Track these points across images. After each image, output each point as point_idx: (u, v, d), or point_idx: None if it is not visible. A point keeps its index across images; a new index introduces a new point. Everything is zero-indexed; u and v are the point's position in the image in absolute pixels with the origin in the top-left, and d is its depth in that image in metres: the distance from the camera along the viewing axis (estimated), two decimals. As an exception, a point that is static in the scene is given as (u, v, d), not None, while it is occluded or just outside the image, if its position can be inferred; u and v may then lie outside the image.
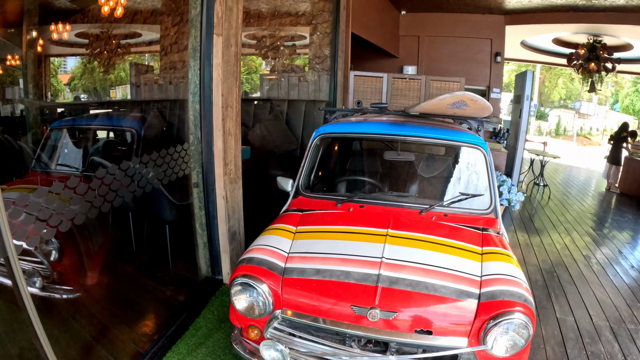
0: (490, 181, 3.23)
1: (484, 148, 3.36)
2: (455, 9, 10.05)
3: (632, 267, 5.74)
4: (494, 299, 2.19)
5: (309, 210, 3.17)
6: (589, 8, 9.14)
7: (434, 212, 3.07)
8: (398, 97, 8.41)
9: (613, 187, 11.70)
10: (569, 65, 12.50)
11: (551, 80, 36.97)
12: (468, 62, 10.67)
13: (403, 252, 2.50)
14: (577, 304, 4.42)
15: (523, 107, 8.13)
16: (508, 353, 2.16)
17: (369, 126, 3.65)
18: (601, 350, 3.64)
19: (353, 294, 2.27)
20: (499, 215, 3.17)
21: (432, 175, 3.76)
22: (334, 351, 2.30)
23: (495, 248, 2.66)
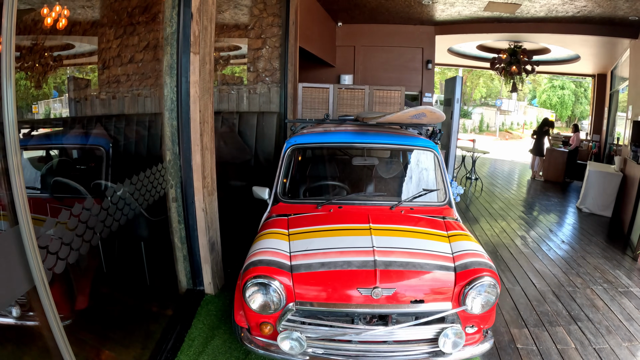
0: (444, 177, 3.76)
1: (435, 150, 3.89)
2: (389, 21, 10.54)
3: (562, 242, 6.62)
4: (467, 269, 2.70)
5: (292, 214, 3.44)
6: (511, 19, 9.93)
7: (402, 207, 3.52)
8: (344, 106, 8.73)
9: (537, 175, 12.79)
10: (492, 68, 13.38)
11: (473, 81, 38.73)
12: (401, 70, 11.21)
13: (388, 241, 2.92)
14: (521, 275, 5.10)
15: (454, 109, 8.67)
16: (483, 310, 2.68)
17: (337, 136, 4.03)
18: (548, 310, 4.31)
19: (357, 279, 2.63)
20: (453, 205, 3.68)
21: (396, 176, 4.21)
22: (344, 330, 2.64)
23: (457, 231, 3.18)
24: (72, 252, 2.26)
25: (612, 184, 8.69)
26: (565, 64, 14.54)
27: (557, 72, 18.49)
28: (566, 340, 3.75)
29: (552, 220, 8.02)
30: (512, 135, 35.36)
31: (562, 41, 11.23)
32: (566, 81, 36.26)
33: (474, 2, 8.67)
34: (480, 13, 9.51)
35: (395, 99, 8.70)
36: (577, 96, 37.32)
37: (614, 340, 3.82)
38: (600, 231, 7.52)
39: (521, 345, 3.60)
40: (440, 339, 2.62)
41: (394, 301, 2.62)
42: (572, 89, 37.34)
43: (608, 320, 4.17)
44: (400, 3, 8.90)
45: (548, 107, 38.27)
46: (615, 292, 4.87)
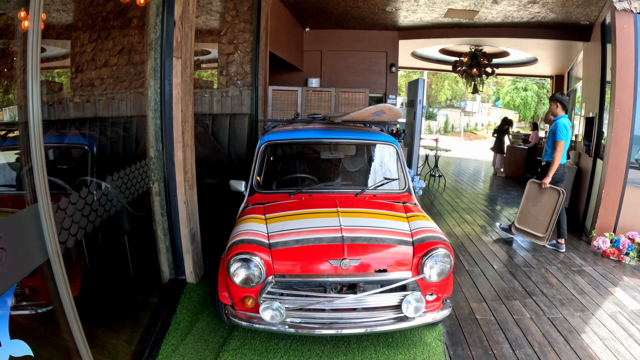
0: (403, 168, 4.26)
1: (395, 144, 4.38)
2: (355, 26, 11.00)
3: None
4: (423, 242, 3.13)
5: (267, 202, 3.82)
6: (470, 25, 10.52)
7: (366, 194, 3.97)
8: (311, 108, 9.13)
9: (499, 172, 13.47)
10: (454, 71, 13.95)
11: (437, 83, 39.60)
12: (366, 73, 11.68)
13: (354, 221, 3.34)
14: (481, 259, 5.58)
15: (417, 110, 9.13)
16: (439, 278, 3.11)
17: (306, 133, 4.47)
18: (505, 286, 4.77)
19: (328, 252, 3.02)
20: (412, 192, 4.18)
21: (360, 167, 4.71)
22: (318, 299, 3.01)
23: (415, 213, 3.65)
24: (69, 238, 2.49)
25: (568, 176, 9.29)
26: (524, 66, 15.30)
27: (517, 74, 19.33)
28: (522, 311, 4.19)
29: (512, 212, 8.57)
30: (476, 136, 36.42)
31: (519, 45, 11.91)
32: (529, 83, 37.43)
33: (434, 9, 9.18)
34: (441, 19, 10.04)
35: (360, 100, 9.19)
36: (539, 97, 38.54)
37: (567, 310, 4.28)
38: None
39: (480, 316, 4.02)
40: (403, 305, 3.01)
41: (360, 271, 3.02)
42: (534, 90, 38.58)
43: (561, 295, 4.65)
44: (365, 10, 9.35)
45: (512, 108, 39.51)
46: (569, 270, 5.39)
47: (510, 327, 3.85)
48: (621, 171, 6.30)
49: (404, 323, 3.08)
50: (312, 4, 8.92)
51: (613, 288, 4.96)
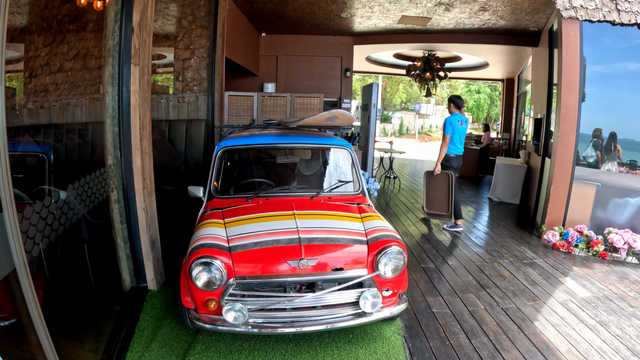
0: (357, 170, 4.44)
1: (349, 148, 4.58)
2: (310, 32, 11.15)
3: (474, 227, 7.49)
4: (377, 240, 3.32)
5: (227, 207, 3.91)
6: (424, 31, 10.87)
7: (322, 196, 4.14)
8: (267, 113, 9.25)
9: (452, 172, 13.78)
10: (408, 75, 14.31)
11: (392, 87, 40.19)
12: (321, 78, 11.83)
13: (310, 223, 3.48)
14: (435, 256, 5.79)
15: (371, 114, 9.35)
16: (394, 274, 3.29)
17: (262, 138, 4.60)
18: (459, 281, 5.01)
19: (286, 253, 3.15)
20: (367, 194, 4.36)
21: (315, 171, 4.86)
22: (279, 299, 3.13)
23: (369, 213, 3.83)
24: (34, 247, 2.51)
25: (518, 174, 9.81)
26: (476, 70, 15.86)
27: (469, 77, 19.92)
28: (476, 303, 4.43)
29: (465, 210, 8.87)
30: (431, 137, 37.19)
31: (471, 50, 12.36)
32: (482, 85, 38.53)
33: (388, 15, 9.44)
34: (395, 25, 10.33)
35: (315, 105, 9.37)
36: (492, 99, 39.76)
37: (520, 300, 4.56)
38: (509, 216, 8.53)
39: (436, 310, 4.22)
40: (361, 301, 3.17)
41: (318, 270, 3.17)
42: (487, 93, 39.75)
43: (514, 286, 4.93)
44: (320, 16, 9.52)
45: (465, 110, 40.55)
46: (521, 263, 5.70)
47: (465, 319, 4.06)
48: (568, 168, 6.69)
49: (362, 318, 3.23)
50: (269, 9, 9.02)
51: (563, 278, 5.29)
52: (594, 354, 3.64)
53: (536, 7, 8.16)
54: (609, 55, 6.94)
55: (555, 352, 3.61)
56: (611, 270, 5.78)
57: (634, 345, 3.84)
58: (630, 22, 6.35)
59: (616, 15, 6.33)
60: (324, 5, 8.70)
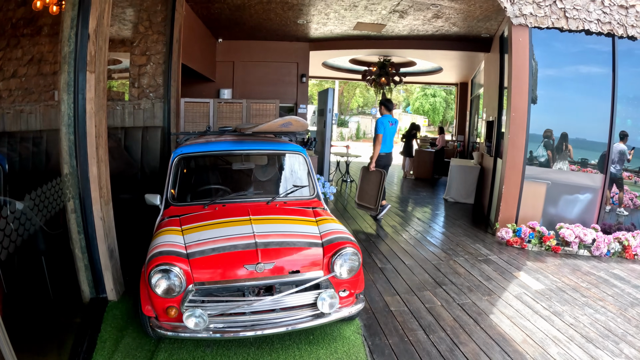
0: (312, 175, 4.55)
1: (303, 153, 4.67)
2: (267, 38, 11.23)
3: (430, 227, 7.71)
4: (332, 243, 3.43)
5: (183, 215, 3.94)
6: (379, 37, 11.10)
7: (277, 201, 4.22)
8: (223, 119, 9.25)
9: (408, 174, 14.25)
10: (364, 80, 14.51)
11: (349, 91, 40.53)
12: (278, 84, 11.96)
13: (266, 227, 3.56)
14: (393, 256, 5.94)
15: (327, 119, 9.48)
16: (350, 275, 3.41)
17: (218, 145, 4.64)
18: (416, 279, 5.16)
19: (243, 258, 3.22)
20: (321, 198, 4.48)
21: (271, 176, 4.95)
22: (238, 303, 3.19)
23: (324, 217, 3.96)
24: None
25: (472, 175, 10.15)
26: (431, 75, 16.26)
27: (423, 82, 20.43)
28: (433, 300, 4.58)
29: (421, 211, 9.18)
30: (387, 141, 37.80)
31: (425, 55, 12.73)
32: (437, 89, 39.34)
33: (344, 22, 9.62)
34: (351, 31, 10.53)
35: (271, 111, 9.45)
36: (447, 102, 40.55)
37: (475, 296, 4.75)
38: (464, 215, 8.83)
39: (394, 308, 4.34)
40: (319, 302, 3.27)
41: (275, 273, 3.25)
42: (442, 96, 40.49)
43: (469, 282, 5.13)
44: (277, 22, 9.62)
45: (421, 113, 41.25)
46: (475, 260, 5.92)
47: (423, 315, 4.20)
48: (519, 168, 6.99)
49: (321, 319, 3.32)
50: (226, 15, 9.05)
51: (517, 272, 5.55)
52: (549, 342, 3.85)
53: (488, 15, 8.50)
54: (560, 59, 7.34)
55: (511, 343, 3.79)
56: (563, 263, 6.10)
57: (587, 332, 4.08)
58: (578, 29, 6.71)
59: (564, 22, 6.67)
60: (281, 12, 8.80)
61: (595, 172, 7.27)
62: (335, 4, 8.28)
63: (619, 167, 7.36)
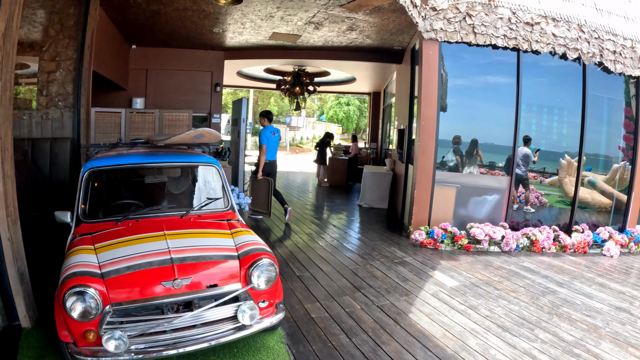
0: (225, 187, 4.49)
1: (216, 165, 4.61)
2: (181, 45, 10.92)
3: (345, 233, 7.84)
4: (248, 254, 3.42)
5: (95, 232, 3.73)
6: (294, 47, 11.17)
7: (191, 215, 4.12)
8: (135, 130, 8.91)
9: (323, 182, 14.40)
10: (278, 89, 14.60)
11: (264, 100, 40.30)
12: (192, 93, 11.64)
13: (181, 242, 3.47)
14: (310, 264, 5.95)
15: (241, 129, 9.42)
16: (268, 285, 3.41)
17: (130, 158, 4.46)
18: (334, 285, 5.19)
19: (159, 275, 3.11)
20: (236, 209, 4.44)
21: (185, 189, 4.83)
22: (157, 322, 3.06)
23: (239, 229, 3.93)
24: None
25: (385, 181, 10.47)
26: (344, 85, 16.55)
27: (337, 91, 20.84)
28: (353, 304, 4.63)
29: (337, 218, 9.32)
30: (302, 149, 37.99)
31: (339, 66, 12.97)
32: (351, 98, 40.25)
33: (260, 32, 9.60)
34: (266, 41, 10.51)
35: (184, 121, 9.25)
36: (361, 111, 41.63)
37: (393, 297, 4.87)
38: (379, 220, 9.04)
39: (315, 315, 4.34)
40: (239, 315, 3.22)
41: (192, 288, 3.16)
42: (356, 105, 41.53)
43: (387, 284, 5.25)
44: (193, 30, 9.41)
45: (335, 121, 42.05)
46: (392, 263, 6.08)
47: (344, 320, 4.24)
48: (429, 173, 7.30)
49: (243, 332, 3.27)
50: (141, 21, 8.72)
51: (433, 272, 5.77)
52: (467, 335, 4.05)
53: (400, 29, 8.83)
54: (470, 70, 7.81)
55: (431, 339, 3.94)
56: (476, 260, 6.46)
57: (503, 322, 4.35)
58: (485, 43, 7.16)
59: (473, 37, 7.08)
60: (197, 19, 8.62)
61: (502, 174, 7.78)
62: (251, 13, 8.24)
63: (524, 169, 7.96)
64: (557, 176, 8.20)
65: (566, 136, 8.18)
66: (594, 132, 8.17)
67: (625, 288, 5.69)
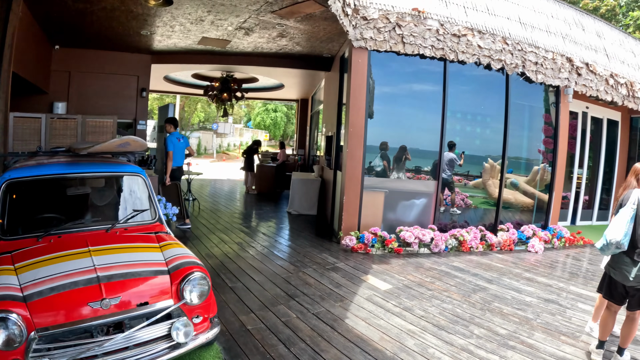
0: (152, 197, 4.24)
1: (142, 174, 4.33)
2: (107, 47, 10.27)
3: (275, 241, 7.71)
4: (179, 269, 3.22)
5: (15, 250, 3.38)
6: (223, 53, 10.85)
7: (117, 228, 3.85)
8: (57, 137, 8.27)
9: (251, 190, 14.19)
10: (205, 95, 14.23)
11: (190, 106, 39.38)
12: (116, 98, 10.89)
13: (107, 258, 3.21)
14: (242, 274, 5.76)
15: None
16: (201, 300, 3.22)
17: (51, 168, 4.08)
18: (268, 295, 5.06)
19: (86, 295, 2.84)
20: (164, 220, 4.20)
21: (110, 201, 4.46)
22: (87, 346, 2.78)
23: (168, 241, 3.71)
24: None
25: (314, 187, 10.46)
26: (273, 91, 16.43)
27: (265, 97, 20.69)
28: (288, 313, 4.51)
29: (266, 226, 9.15)
30: (229, 156, 37.36)
31: (268, 72, 12.82)
32: (279, 104, 40.20)
33: (189, 36, 9.26)
34: (195, 46, 10.17)
35: (108, 128, 8.72)
36: (288, 117, 41.72)
37: (328, 303, 4.80)
38: (309, 227, 8.96)
39: (251, 326, 4.17)
40: (173, 333, 3.00)
41: (122, 308, 2.91)
42: (284, 111, 41.55)
43: (320, 291, 5.17)
44: (120, 31, 8.88)
45: (262, 128, 41.82)
46: (324, 269, 6.01)
47: (280, 330, 4.11)
48: (358, 179, 7.35)
49: (178, 350, 3.06)
50: (66, 19, 8.10)
51: (365, 276, 5.77)
52: (405, 336, 4.07)
53: (330, 37, 8.83)
54: (396, 78, 7.98)
55: (369, 343, 3.91)
56: (407, 262, 6.53)
57: (438, 321, 4.42)
58: (414, 53, 7.37)
59: (401, 47, 7.25)
60: (125, 20, 8.16)
61: (428, 178, 8.01)
62: (181, 16, 7.93)
63: (450, 173, 8.25)
64: (481, 179, 8.59)
65: (489, 141, 8.63)
66: (516, 137, 8.68)
67: (551, 281, 6.05)
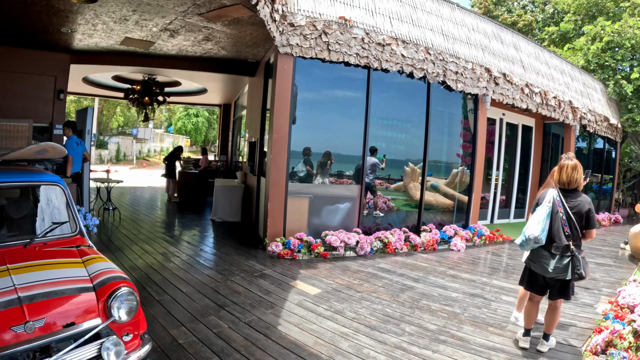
0: (72, 209, 3.92)
1: (61, 183, 3.98)
2: (22, 44, 9.36)
3: (200, 249, 7.45)
4: (105, 285, 2.96)
5: None
6: (146, 55, 10.35)
7: (36, 243, 3.49)
8: (-34, 145, 7.51)
9: (173, 197, 13.64)
10: (126, 98, 13.61)
11: (109, 110, 37.45)
12: (30, 100, 9.80)
13: (28, 277, 2.89)
14: (168, 286, 5.45)
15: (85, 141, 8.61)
16: (130, 316, 2.97)
17: None
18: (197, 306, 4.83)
19: (8, 318, 2.54)
20: (85, 233, 3.89)
21: (27, 213, 4.02)
22: None
23: (91, 256, 3.42)
24: None
25: (237, 194, 10.26)
26: (195, 95, 16.00)
27: (188, 102, 20.10)
28: (219, 324, 4.32)
29: (190, 234, 8.78)
30: (149, 163, 35.68)
31: (191, 76, 12.41)
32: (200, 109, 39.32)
33: (111, 35, 8.71)
34: (117, 46, 9.58)
35: (24, 132, 7.99)
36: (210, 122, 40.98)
37: (259, 311, 4.67)
38: (233, 234, 8.73)
39: (183, 340, 3.94)
40: (104, 354, 2.75)
41: (47, 330, 2.65)
42: (205, 116, 40.79)
43: (250, 299, 5.02)
44: (38, 26, 8.10)
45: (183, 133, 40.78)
46: (252, 277, 5.85)
47: (213, 341, 3.93)
48: (282, 185, 7.28)
49: None
50: (-26, 10, 7.26)
51: (294, 282, 5.69)
52: (339, 338, 4.06)
53: (256, 42, 8.68)
54: (319, 84, 8.00)
55: (304, 348, 3.85)
56: (334, 266, 6.54)
57: (370, 322, 4.45)
58: (339, 60, 7.45)
59: (327, 54, 7.29)
60: (45, 16, 7.44)
61: (351, 183, 8.08)
62: (105, 14, 7.43)
63: (372, 177, 8.40)
64: (402, 182, 8.81)
65: (410, 146, 8.93)
66: (436, 141, 9.07)
67: (475, 277, 6.31)
